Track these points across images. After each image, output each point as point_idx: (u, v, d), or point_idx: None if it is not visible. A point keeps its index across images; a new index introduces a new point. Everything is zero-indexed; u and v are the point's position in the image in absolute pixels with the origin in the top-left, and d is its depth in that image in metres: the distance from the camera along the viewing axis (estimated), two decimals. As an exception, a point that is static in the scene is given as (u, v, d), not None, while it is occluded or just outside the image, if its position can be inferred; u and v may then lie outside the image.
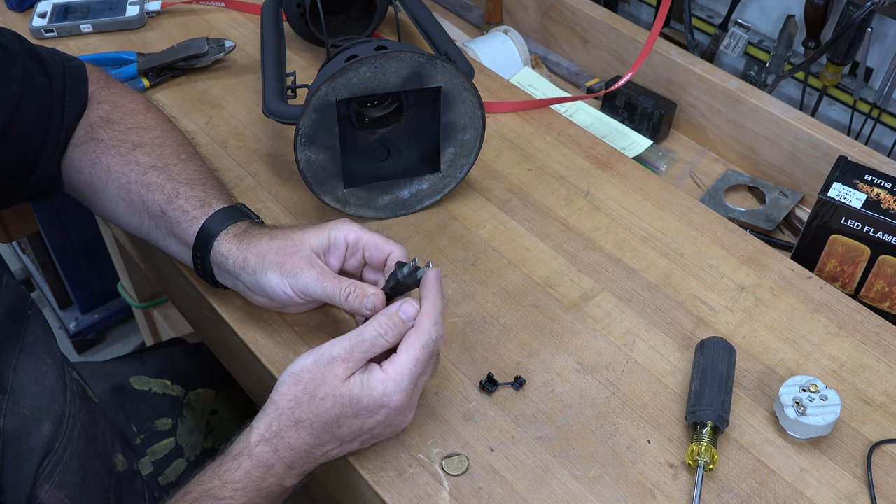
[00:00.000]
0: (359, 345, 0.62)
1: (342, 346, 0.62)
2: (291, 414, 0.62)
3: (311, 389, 0.62)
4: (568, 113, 1.10)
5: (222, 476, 0.61)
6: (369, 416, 0.62)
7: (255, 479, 0.61)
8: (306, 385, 0.62)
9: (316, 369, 0.62)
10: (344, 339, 0.63)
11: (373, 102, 0.85)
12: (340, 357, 0.62)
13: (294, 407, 0.62)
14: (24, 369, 0.69)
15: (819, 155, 0.97)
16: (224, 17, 1.16)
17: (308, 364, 0.62)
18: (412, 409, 0.65)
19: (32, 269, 2.00)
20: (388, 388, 0.61)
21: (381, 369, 0.62)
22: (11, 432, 0.66)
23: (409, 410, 0.64)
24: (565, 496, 0.65)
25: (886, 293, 0.85)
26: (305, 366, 0.63)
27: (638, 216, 0.88)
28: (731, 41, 1.15)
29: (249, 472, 0.61)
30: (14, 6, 1.15)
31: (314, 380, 0.62)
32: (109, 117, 0.80)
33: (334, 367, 0.62)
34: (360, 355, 0.62)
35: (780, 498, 0.65)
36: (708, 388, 0.68)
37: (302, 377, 0.62)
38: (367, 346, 0.62)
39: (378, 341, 0.63)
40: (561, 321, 0.78)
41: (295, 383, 0.62)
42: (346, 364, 0.62)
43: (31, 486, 0.67)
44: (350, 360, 0.62)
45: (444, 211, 0.89)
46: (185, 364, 1.07)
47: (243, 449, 0.62)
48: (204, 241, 0.72)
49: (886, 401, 0.72)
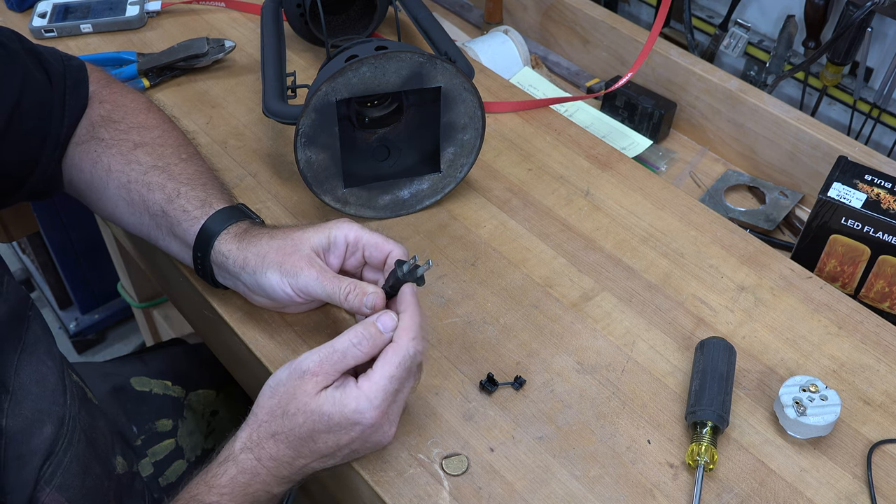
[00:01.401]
0: (329, 357, 0.61)
1: (312, 360, 0.61)
2: (268, 427, 0.62)
3: (283, 404, 0.61)
4: (568, 113, 1.10)
5: (209, 482, 0.61)
6: (343, 432, 0.61)
7: (241, 485, 0.61)
8: (280, 399, 0.62)
9: (289, 383, 0.61)
10: (315, 352, 0.61)
11: (373, 102, 0.85)
12: (310, 371, 0.61)
13: (269, 420, 0.62)
14: (26, 370, 0.69)
15: (819, 155, 0.97)
16: (224, 17, 1.16)
17: (283, 378, 0.62)
18: (392, 425, 0.63)
19: (32, 269, 2.00)
20: (360, 405, 0.60)
21: (355, 385, 0.61)
22: (13, 433, 0.66)
23: (386, 426, 0.62)
24: (565, 496, 0.65)
25: (886, 293, 0.85)
26: (280, 380, 0.62)
27: (638, 216, 0.88)
28: (731, 41, 1.15)
29: (235, 477, 0.61)
30: (14, 6, 1.15)
31: (287, 394, 0.61)
32: (111, 116, 0.80)
33: (305, 381, 0.61)
34: (331, 367, 0.61)
35: (780, 498, 0.65)
36: (708, 388, 0.68)
37: (277, 391, 0.62)
38: (338, 357, 0.61)
39: (351, 351, 0.61)
40: (561, 321, 0.78)
41: (271, 396, 0.62)
42: (316, 378, 0.61)
43: (32, 489, 0.67)
44: (319, 372, 0.61)
45: (444, 211, 0.89)
46: (185, 365, 1.07)
47: (228, 456, 0.62)
48: (204, 240, 0.72)
49: (886, 401, 0.72)
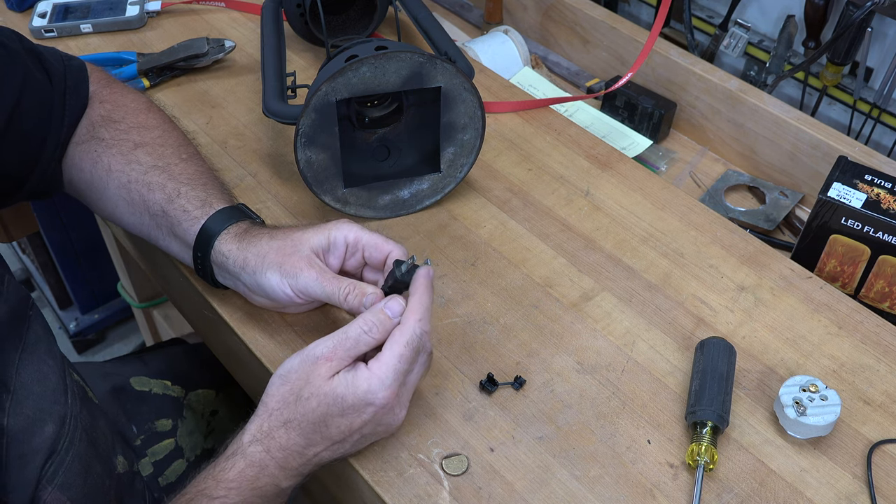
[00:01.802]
0: (342, 343, 0.62)
1: (326, 346, 0.62)
2: (280, 415, 0.62)
3: (296, 390, 0.62)
4: (568, 113, 1.10)
5: (216, 476, 0.62)
6: (356, 414, 0.62)
7: (249, 479, 0.62)
8: (293, 386, 0.62)
9: (302, 369, 0.62)
10: (328, 339, 0.63)
11: (373, 102, 0.85)
12: (324, 356, 0.62)
13: (282, 408, 0.62)
14: (27, 369, 0.69)
15: (819, 155, 0.97)
16: (224, 17, 1.16)
17: (294, 365, 0.63)
18: (402, 408, 0.64)
19: (32, 269, 2.00)
20: (372, 386, 0.61)
21: (365, 367, 0.62)
22: (15, 432, 0.66)
23: (397, 408, 0.64)
24: (565, 496, 0.65)
25: (886, 293, 0.85)
26: (292, 367, 0.63)
27: (638, 216, 0.88)
28: (731, 41, 1.15)
29: (243, 471, 0.62)
30: (14, 6, 1.15)
31: (300, 380, 0.62)
32: (111, 116, 0.80)
33: (318, 366, 0.62)
34: (344, 353, 0.62)
35: (780, 498, 0.65)
36: (708, 388, 0.68)
37: (289, 378, 0.63)
38: (350, 343, 0.62)
39: (363, 338, 0.62)
40: (561, 321, 0.78)
41: (282, 384, 0.63)
42: (330, 363, 0.62)
43: (34, 488, 0.67)
44: (333, 358, 0.62)
45: (444, 211, 0.89)
46: (185, 365, 1.07)
47: (236, 449, 0.62)
48: (204, 240, 0.72)
49: (886, 401, 0.72)
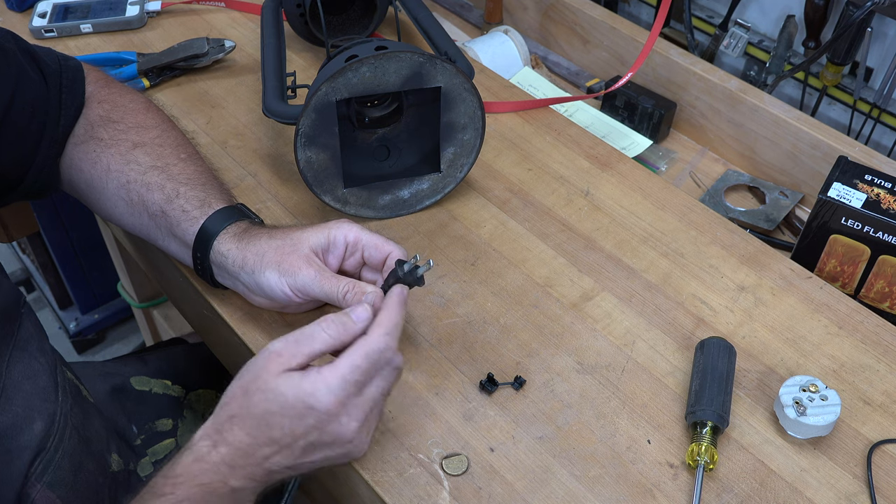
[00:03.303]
0: (297, 339, 0.60)
1: (280, 342, 0.60)
2: (228, 409, 0.60)
3: (245, 384, 0.60)
4: (568, 113, 1.10)
5: (165, 473, 0.60)
6: (297, 418, 0.59)
7: (194, 473, 0.59)
8: (244, 380, 0.60)
9: (255, 364, 0.60)
10: (286, 336, 0.61)
11: (373, 102, 0.85)
12: (276, 351, 0.60)
13: (230, 402, 0.60)
14: (17, 367, 0.69)
15: (819, 155, 0.97)
16: (224, 17, 1.16)
17: (253, 361, 0.61)
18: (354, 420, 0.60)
19: (32, 269, 2.00)
20: (316, 388, 0.58)
21: (317, 371, 0.59)
22: (2, 429, 0.66)
23: (344, 418, 0.60)
24: (565, 496, 0.65)
25: (886, 293, 0.85)
26: (251, 362, 0.61)
27: (638, 216, 0.88)
28: (731, 41, 1.15)
29: (188, 466, 0.59)
30: (14, 6, 1.15)
31: (250, 374, 0.60)
32: (110, 116, 0.80)
33: (270, 361, 0.59)
34: (296, 349, 0.60)
35: (780, 498, 0.65)
36: (708, 388, 0.68)
37: (244, 373, 0.61)
38: (304, 339, 0.60)
39: (319, 335, 0.60)
40: (561, 321, 0.78)
41: (237, 379, 0.61)
42: (281, 358, 0.59)
43: (21, 484, 0.67)
44: (284, 353, 0.59)
45: (444, 211, 0.89)
46: (185, 364, 1.07)
47: (189, 445, 0.61)
48: (204, 240, 0.72)
49: (886, 401, 0.72)
